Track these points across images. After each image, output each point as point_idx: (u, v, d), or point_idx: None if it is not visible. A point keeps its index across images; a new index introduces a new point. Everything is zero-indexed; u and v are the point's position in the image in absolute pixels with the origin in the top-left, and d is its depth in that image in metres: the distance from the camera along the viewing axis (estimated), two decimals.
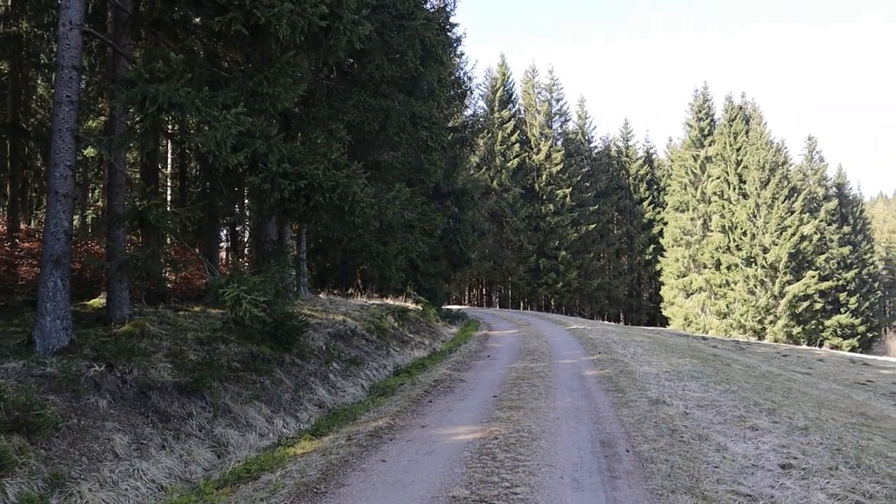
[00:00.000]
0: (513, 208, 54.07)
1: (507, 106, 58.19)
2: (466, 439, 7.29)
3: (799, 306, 49.04)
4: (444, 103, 24.71)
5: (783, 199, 50.42)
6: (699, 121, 58.94)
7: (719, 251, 51.88)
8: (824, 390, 13.23)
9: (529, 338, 19.40)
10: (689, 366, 12.97)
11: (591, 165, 63.19)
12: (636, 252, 65.31)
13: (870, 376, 21.04)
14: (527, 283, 55.54)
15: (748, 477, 5.81)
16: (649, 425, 7.63)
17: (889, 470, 6.28)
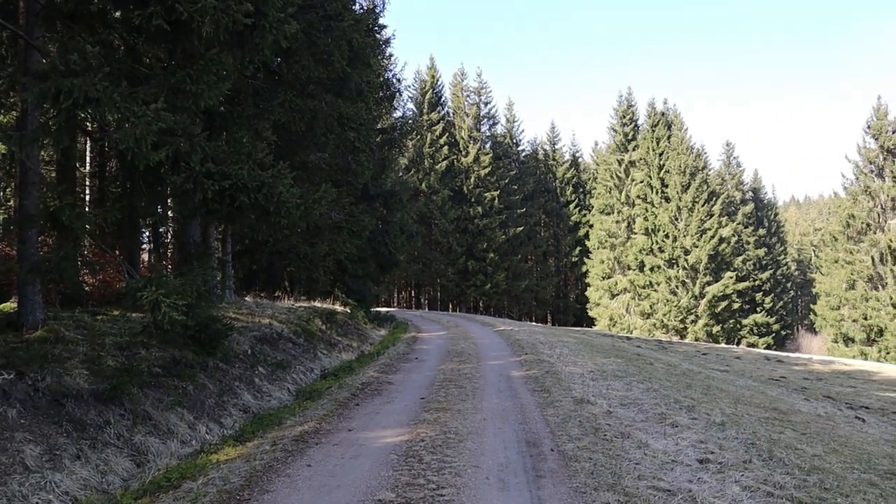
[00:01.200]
0: (442, 210, 54.25)
1: (437, 108, 58.35)
2: (393, 442, 7.26)
3: (718, 306, 50.73)
4: (373, 104, 24.59)
5: (703, 202, 52.08)
6: (623, 126, 60.35)
7: (643, 253, 53.19)
8: (741, 387, 13.70)
9: (458, 339, 19.48)
10: (614, 365, 13.25)
11: (519, 168, 63.94)
12: (563, 254, 66.40)
13: (783, 373, 21.92)
14: (455, 285, 55.79)
15: (668, 472, 5.96)
16: (574, 424, 7.75)
17: (798, 461, 6.55)
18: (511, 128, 65.15)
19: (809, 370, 24.59)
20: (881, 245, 44.04)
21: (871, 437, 9.43)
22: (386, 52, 29.56)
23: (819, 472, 6.29)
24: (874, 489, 5.96)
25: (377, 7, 26.22)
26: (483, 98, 60.74)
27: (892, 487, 6.15)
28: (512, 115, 65.68)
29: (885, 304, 43.49)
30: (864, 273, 45.08)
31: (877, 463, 7.18)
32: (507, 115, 65.63)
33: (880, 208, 45.15)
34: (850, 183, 47.57)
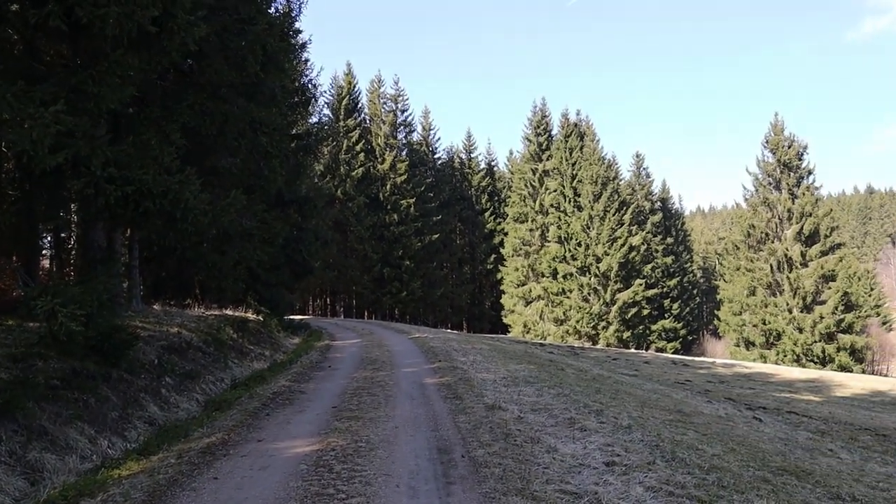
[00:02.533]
0: (357, 217, 53.95)
1: (353, 115, 58.05)
2: (304, 452, 7.17)
3: (628, 312, 52.18)
4: (288, 110, 24.27)
5: (614, 211, 53.52)
6: (538, 136, 61.43)
7: (556, 261, 54.18)
8: (648, 390, 14.13)
9: (372, 347, 19.39)
10: (526, 371, 13.45)
11: (436, 176, 64.28)
12: (478, 261, 67.00)
13: (688, 376, 22.73)
14: (371, 292, 55.52)
15: (575, 476, 6.10)
16: (485, 430, 7.83)
17: (699, 461, 6.82)
18: (427, 135, 65.46)
19: (713, 373, 25.59)
20: (779, 254, 46.28)
21: (767, 435, 9.89)
22: (301, 57, 29.18)
23: (718, 470, 6.55)
24: (767, 485, 6.26)
25: (293, 11, 25.89)
26: (400, 105, 60.83)
27: (783, 483, 6.47)
28: (428, 122, 66.06)
29: (782, 310, 45.70)
30: (763, 280, 47.26)
31: (770, 460, 7.55)
32: (423, 122, 65.99)
33: (778, 219, 47.45)
34: (751, 195, 49.84)
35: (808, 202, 46.43)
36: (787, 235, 46.58)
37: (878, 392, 22.54)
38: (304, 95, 27.87)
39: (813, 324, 44.33)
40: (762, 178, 48.85)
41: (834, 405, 18.23)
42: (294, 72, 25.88)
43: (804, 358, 43.87)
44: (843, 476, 7.43)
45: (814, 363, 43.19)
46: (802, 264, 45.88)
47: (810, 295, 45.21)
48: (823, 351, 43.80)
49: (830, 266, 45.29)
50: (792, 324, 45.03)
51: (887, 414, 17.11)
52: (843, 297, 45.55)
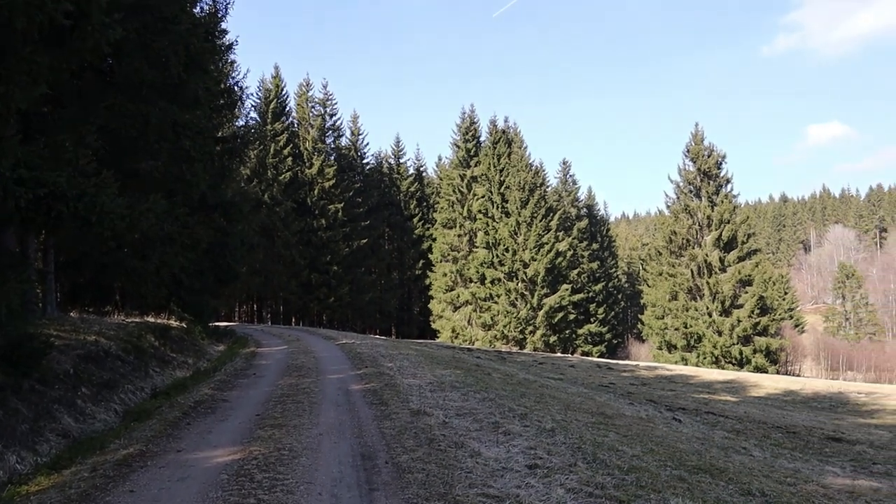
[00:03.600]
0: (285, 222, 53.25)
1: (281, 118, 57.28)
2: (224, 461, 7.03)
3: (555, 317, 52.97)
4: (212, 112, 23.77)
5: (541, 217, 54.29)
6: (466, 142, 61.89)
7: (484, 266, 54.61)
8: (572, 394, 14.37)
9: (298, 354, 19.15)
10: (452, 376, 13.50)
11: (364, 181, 64.04)
12: (407, 267, 66.99)
13: (612, 379, 23.21)
14: (299, 298, 54.86)
15: (498, 479, 6.15)
16: (409, 436, 7.83)
17: (619, 462, 6.98)
18: (356, 140, 65.18)
19: (636, 376, 26.20)
20: (699, 259, 47.78)
21: (685, 435, 10.19)
22: (227, 59, 28.63)
23: (636, 471, 6.72)
24: (683, 484, 6.45)
25: (219, 12, 25.39)
26: (329, 110, 60.41)
27: (698, 481, 6.69)
28: (357, 127, 65.78)
29: (702, 314, 47.18)
30: (684, 285, 48.70)
31: (687, 459, 7.78)
32: (352, 127, 65.64)
33: (698, 226, 49.00)
34: (673, 202, 51.34)
35: (727, 210, 48.11)
36: (707, 242, 48.15)
37: (790, 391, 23.47)
38: (229, 98, 27.31)
39: (731, 327, 45.93)
40: (683, 186, 50.39)
41: (749, 405, 18.90)
42: (219, 73, 25.38)
43: (723, 360, 45.40)
44: (754, 473, 7.71)
45: (732, 365, 44.73)
46: (721, 269, 47.49)
47: (728, 299, 46.83)
48: (741, 353, 45.42)
49: (747, 271, 47.03)
50: (711, 327, 46.54)
51: (798, 412, 17.84)
52: (759, 301, 47.36)
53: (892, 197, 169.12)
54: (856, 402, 20.84)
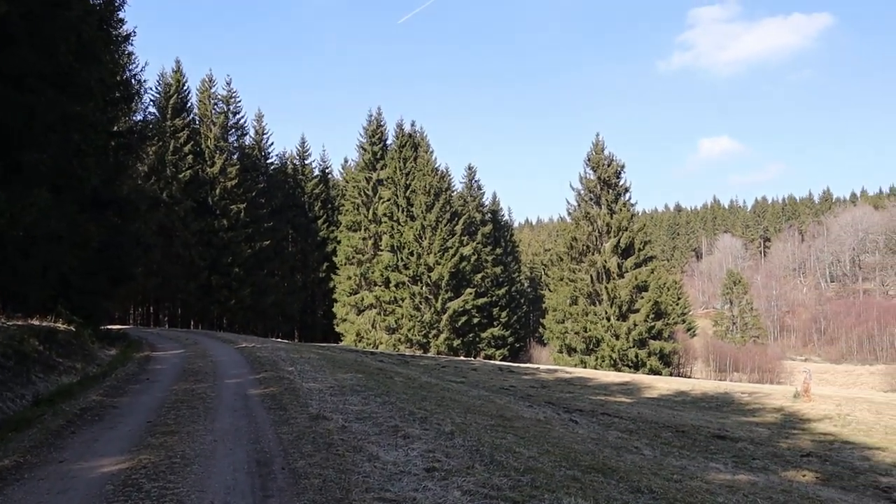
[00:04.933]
0: (184, 222, 51.63)
1: (182, 115, 55.50)
2: (111, 471, 6.71)
3: (459, 320, 53.39)
4: (107, 105, 22.80)
5: (446, 222, 54.66)
6: (373, 145, 61.68)
7: (389, 269, 54.52)
8: (473, 397, 14.50)
9: (195, 358, 18.56)
10: (354, 380, 13.38)
11: (268, 182, 62.85)
12: (311, 269, 66.07)
13: (513, 382, 23.56)
14: (198, 301, 53.29)
15: (395, 483, 6.12)
16: (307, 441, 7.69)
17: (515, 464, 7.07)
18: (260, 140, 63.93)
19: (536, 379, 26.68)
20: (598, 265, 49.19)
21: (580, 436, 10.44)
22: (125, 50, 27.48)
23: (532, 472, 6.82)
24: (576, 483, 6.60)
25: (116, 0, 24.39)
26: (232, 107, 59.08)
27: (591, 480, 6.86)
28: (262, 126, 64.54)
29: (601, 318, 48.56)
30: (584, 290, 50.01)
31: (581, 459, 7.97)
32: (256, 126, 64.33)
33: (598, 232, 50.44)
34: (574, 209, 52.71)
35: (625, 217, 49.75)
36: (606, 248, 49.63)
37: (681, 392, 24.43)
38: (126, 91, 26.23)
39: (628, 331, 47.49)
40: (584, 194, 51.81)
41: (643, 406, 19.57)
42: (115, 65, 24.35)
43: (620, 362, 46.88)
44: (643, 471, 7.98)
45: (628, 367, 46.25)
46: (619, 275, 49.04)
47: (626, 304, 48.41)
48: (637, 356, 47.02)
49: (643, 277, 48.77)
50: (609, 331, 47.97)
51: (687, 412, 18.60)
52: (654, 306, 49.19)
53: (776, 209, 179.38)
54: (740, 401, 21.90)
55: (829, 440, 14.91)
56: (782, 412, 19.36)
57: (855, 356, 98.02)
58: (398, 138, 59.56)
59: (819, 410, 19.34)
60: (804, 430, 16.51)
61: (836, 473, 10.81)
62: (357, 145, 63.05)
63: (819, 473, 10.64)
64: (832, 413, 18.84)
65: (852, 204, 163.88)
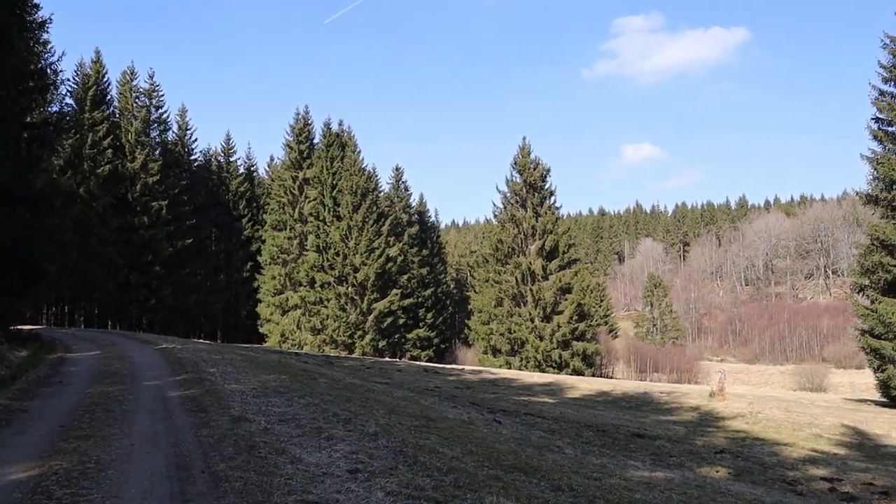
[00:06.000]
0: (102, 219, 49.90)
1: (101, 107, 53.58)
2: (19, 478, 6.45)
3: (385, 321, 53.31)
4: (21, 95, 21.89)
5: (372, 222, 54.54)
6: (299, 143, 60.98)
7: (314, 270, 54.04)
8: (398, 398, 14.51)
9: (112, 359, 17.99)
10: (277, 382, 13.22)
11: (191, 179, 61.41)
12: (234, 269, 64.86)
13: (438, 383, 23.66)
14: (116, 300, 51.61)
15: (318, 485, 6.09)
16: (229, 444, 7.58)
17: (439, 464, 7.14)
18: (184, 136, 62.43)
19: (461, 380, 26.86)
20: (523, 267, 49.82)
21: (504, 436, 10.58)
22: (40, 37, 26.41)
23: (455, 472, 6.89)
24: (499, 483, 6.70)
25: None
26: (155, 101, 57.54)
27: (513, 479, 6.98)
28: (185, 122, 63.05)
29: (525, 320, 49.21)
30: (509, 292, 50.58)
31: (504, 459, 8.10)
32: (180, 121, 62.78)
33: (523, 235, 51.09)
34: (500, 211, 53.26)
35: (550, 220, 50.59)
36: (531, 250, 50.33)
37: (602, 392, 25.01)
38: (41, 80, 25.19)
39: (552, 332, 48.27)
40: (510, 197, 52.41)
41: (565, 406, 19.95)
42: (29, 52, 23.39)
43: (544, 363, 47.61)
44: (564, 469, 8.16)
45: (552, 368, 47.02)
46: (544, 277, 49.80)
47: (550, 306, 49.21)
48: (560, 356, 47.86)
49: (567, 279, 49.67)
50: (534, 332, 48.66)
51: (608, 412, 19.07)
52: (578, 308, 50.17)
53: (695, 214, 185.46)
54: (659, 401, 22.56)
55: (742, 437, 15.52)
56: (698, 411, 20.04)
57: (767, 357, 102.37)
58: (325, 137, 59.05)
59: (733, 409, 20.09)
60: (719, 427, 17.14)
61: (747, 469, 11.26)
62: (283, 143, 62.28)
63: (731, 469, 11.07)
64: (745, 411, 19.60)
65: (766, 211, 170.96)
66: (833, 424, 18.30)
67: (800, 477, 10.91)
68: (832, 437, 16.52)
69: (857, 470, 11.64)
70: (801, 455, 13.13)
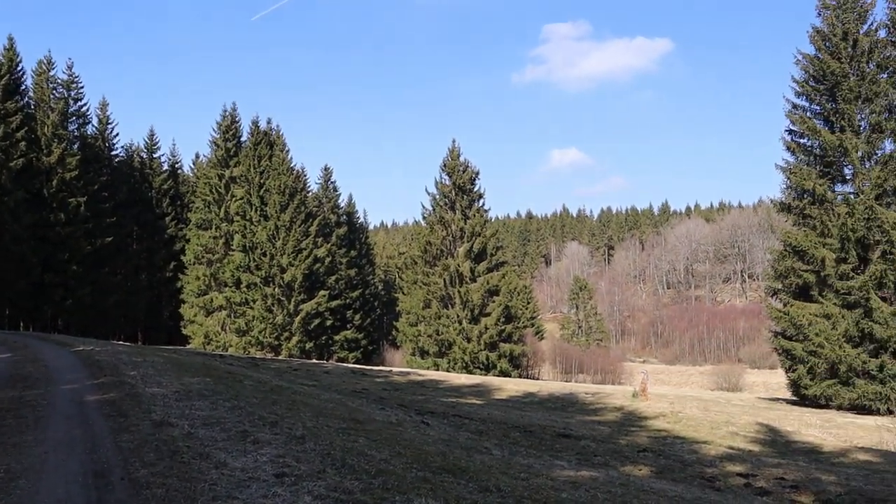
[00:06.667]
0: (14, 215, 47.68)
1: (15, 97, 51.15)
2: None
3: (312, 323, 52.75)
4: None
5: (300, 222, 53.93)
6: (226, 141, 59.80)
7: (240, 270, 53.09)
8: (325, 400, 14.36)
9: (24, 363, 17.22)
10: (201, 384, 12.91)
11: (112, 175, 59.48)
12: (157, 268, 63.01)
13: (366, 385, 23.55)
14: (29, 300, 49.42)
15: (244, 490, 5.97)
16: (150, 449, 7.35)
17: (367, 467, 7.10)
18: (105, 130, 60.42)
19: (389, 381, 26.81)
20: (451, 269, 50.06)
21: (432, 438, 10.60)
22: None
23: (384, 474, 6.87)
24: (427, 484, 6.71)
25: None
26: (73, 93, 55.42)
27: (442, 481, 6.99)
28: (106, 116, 60.95)
29: (453, 321, 49.46)
30: (437, 294, 50.75)
31: (432, 461, 8.11)
32: (100, 115, 60.67)
33: (452, 237, 51.35)
34: (429, 213, 53.43)
35: (478, 223, 50.99)
36: (460, 252, 50.61)
37: (529, 393, 25.33)
38: None
39: (479, 334, 48.64)
40: (440, 199, 52.60)
41: (493, 407, 20.12)
42: None
43: (472, 365, 47.92)
44: (492, 470, 8.22)
45: (480, 369, 47.36)
46: (472, 279, 50.13)
47: (477, 307, 49.57)
48: (487, 358, 48.27)
49: (495, 281, 50.15)
50: (462, 334, 48.94)
51: (535, 412, 19.32)
52: (505, 310, 50.71)
53: (620, 219, 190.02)
54: (584, 401, 22.99)
55: (664, 436, 15.96)
56: (622, 411, 20.51)
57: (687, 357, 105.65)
58: (253, 135, 58.06)
59: (655, 409, 20.65)
60: (641, 427, 17.58)
61: (668, 466, 11.58)
62: (210, 141, 60.85)
63: (653, 467, 11.36)
64: (666, 411, 20.17)
65: (687, 217, 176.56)
66: (748, 422, 19.01)
67: (717, 473, 11.28)
68: (747, 434, 17.15)
69: (770, 465, 12.10)
70: (718, 452, 13.58)
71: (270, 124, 60.78)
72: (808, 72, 31.83)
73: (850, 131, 30.18)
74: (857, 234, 28.74)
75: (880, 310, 27.83)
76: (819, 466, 12.43)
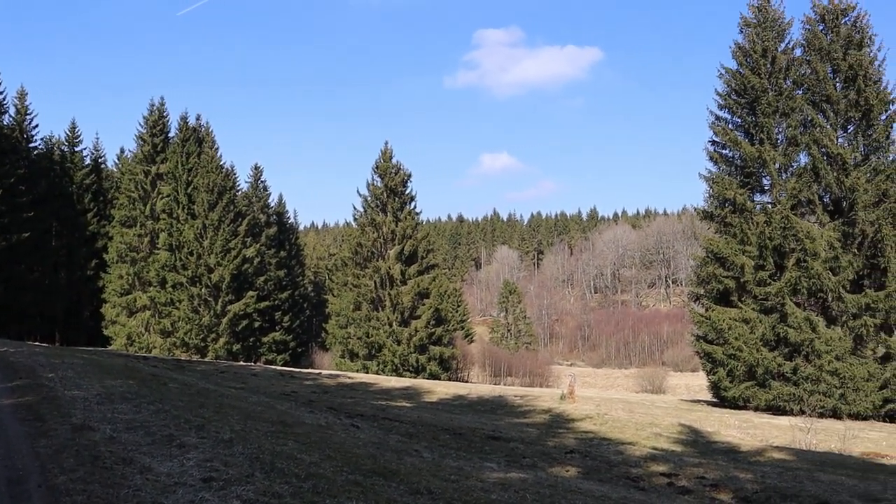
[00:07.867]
0: None
1: None
2: None
3: (240, 324, 51.78)
4: None
5: (229, 222, 52.89)
6: (153, 136, 58.14)
7: (165, 269, 51.74)
8: (253, 403, 14.13)
9: None
10: (124, 387, 12.55)
11: (30, 168, 56.99)
12: (77, 266, 60.69)
13: (295, 387, 23.28)
14: None
15: (170, 495, 5.83)
16: (70, 454, 7.10)
17: (297, 470, 7.03)
18: (22, 120, 57.94)
19: (318, 384, 26.55)
20: (382, 271, 49.93)
21: (362, 441, 10.56)
22: None
23: (314, 478, 6.81)
24: (358, 487, 6.69)
25: None
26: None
27: (372, 484, 6.99)
28: (25, 106, 58.40)
29: (383, 324, 49.33)
30: (368, 296, 50.54)
31: (363, 464, 8.08)
32: (18, 105, 58.04)
33: (383, 239, 51.21)
34: (360, 215, 53.18)
35: (410, 225, 51.01)
36: (390, 255, 50.51)
37: (459, 396, 25.44)
38: None
39: (409, 336, 48.63)
40: (371, 201, 52.39)
41: (423, 410, 20.13)
42: None
43: (402, 368, 47.86)
44: (423, 473, 8.25)
45: (409, 372, 47.34)
46: (402, 282, 50.08)
47: (408, 310, 49.58)
48: (417, 361, 48.30)
49: (425, 284, 50.24)
50: (392, 336, 48.83)
51: (464, 415, 19.43)
52: (435, 313, 50.84)
53: (549, 224, 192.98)
54: (513, 404, 23.23)
55: (590, 437, 16.26)
56: (550, 413, 20.81)
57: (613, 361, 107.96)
58: (181, 131, 56.68)
59: (582, 411, 21.02)
60: (569, 429, 17.87)
61: (595, 467, 11.80)
62: (136, 136, 58.91)
63: (581, 468, 11.56)
64: (593, 413, 20.55)
65: (614, 223, 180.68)
66: (671, 424, 19.55)
67: (642, 473, 11.55)
68: (670, 435, 17.63)
69: (692, 465, 12.46)
70: (643, 453, 13.90)
71: (200, 121, 59.50)
72: (731, 86, 33.04)
73: (769, 144, 31.48)
74: (774, 243, 30.02)
75: (794, 315, 29.08)
76: (737, 465, 12.86)
